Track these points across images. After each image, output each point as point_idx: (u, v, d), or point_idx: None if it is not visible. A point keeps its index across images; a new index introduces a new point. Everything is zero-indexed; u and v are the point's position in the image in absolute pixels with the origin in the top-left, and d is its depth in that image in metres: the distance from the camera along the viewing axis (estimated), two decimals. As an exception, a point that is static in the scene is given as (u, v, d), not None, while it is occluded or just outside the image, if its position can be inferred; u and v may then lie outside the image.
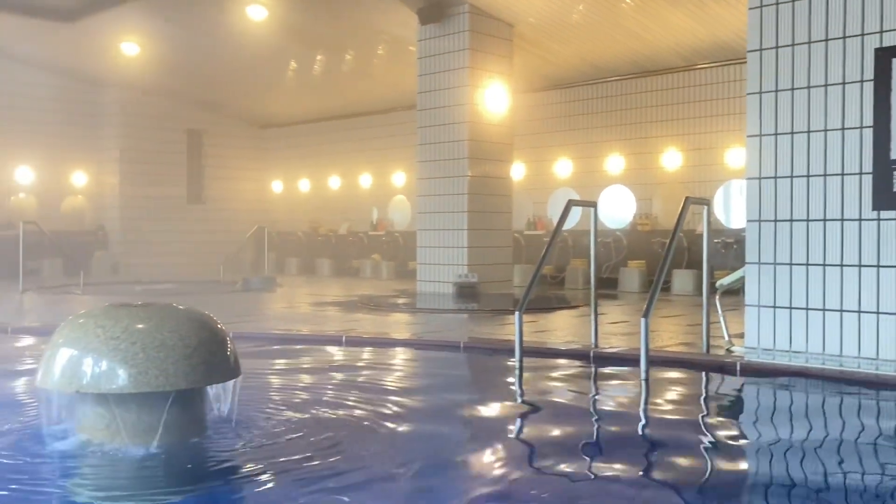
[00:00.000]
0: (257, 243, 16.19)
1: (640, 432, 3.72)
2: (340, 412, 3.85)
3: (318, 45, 13.22)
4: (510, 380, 5.02)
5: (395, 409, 3.99)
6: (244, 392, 3.51)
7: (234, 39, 12.79)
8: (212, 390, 3.33)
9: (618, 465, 3.08)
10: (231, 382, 3.33)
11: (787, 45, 5.24)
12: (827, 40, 5.09)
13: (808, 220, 5.18)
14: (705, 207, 5.64)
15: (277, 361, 5.66)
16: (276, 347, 6.18)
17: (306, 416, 3.75)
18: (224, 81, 15.41)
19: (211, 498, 2.77)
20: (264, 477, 2.91)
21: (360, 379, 4.91)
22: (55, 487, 2.80)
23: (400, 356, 5.92)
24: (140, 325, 3.05)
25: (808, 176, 5.18)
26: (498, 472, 3.05)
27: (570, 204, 5.68)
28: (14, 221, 14.07)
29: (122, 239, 16.38)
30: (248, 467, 3.05)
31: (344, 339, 6.28)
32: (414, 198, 12.90)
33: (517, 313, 5.26)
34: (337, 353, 6.01)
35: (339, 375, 5.08)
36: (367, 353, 5.93)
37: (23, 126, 15.25)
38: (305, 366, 5.56)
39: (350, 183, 16.80)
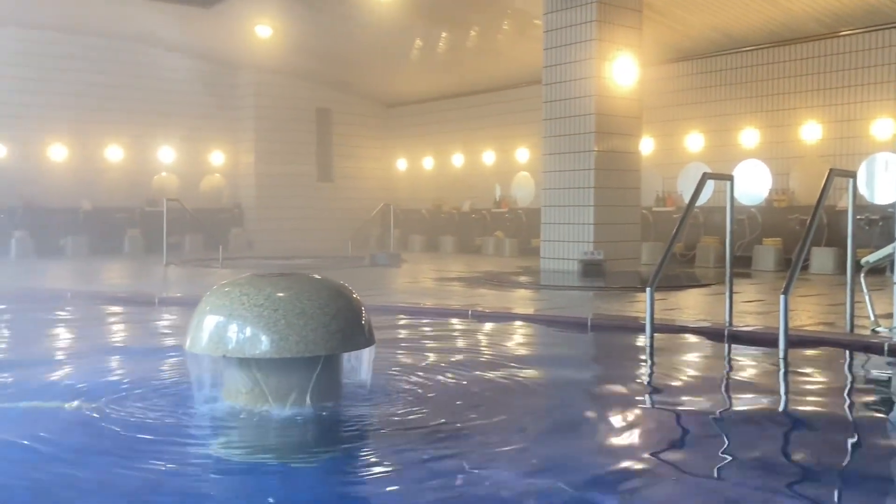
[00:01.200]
0: (383, 220, 16.52)
1: (781, 409, 3.57)
2: (468, 382, 3.89)
3: (443, 22, 13.27)
4: (641, 356, 4.92)
5: (524, 380, 4.00)
6: (375, 361, 3.60)
7: (363, 18, 13.01)
8: (348, 358, 3.43)
9: (758, 444, 2.97)
10: (366, 350, 3.42)
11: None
12: None
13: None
14: (851, 181, 5.32)
15: (405, 333, 5.77)
16: (403, 320, 6.29)
17: (435, 385, 3.81)
18: (352, 60, 15.73)
19: (349, 459, 2.86)
20: (399, 440, 2.98)
21: (488, 351, 4.94)
22: (204, 447, 2.96)
23: (525, 331, 5.91)
24: (281, 294, 3.17)
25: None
26: (632, 444, 3.01)
27: (706, 177, 5.49)
28: (158, 199, 14.92)
29: (256, 216, 17.07)
30: (384, 431, 3.13)
31: (470, 313, 6.33)
32: (538, 174, 12.79)
33: (648, 289, 5.15)
34: (463, 326, 6.06)
35: (465, 347, 5.12)
36: (492, 328, 5.96)
37: (165, 109, 16.08)
38: (432, 338, 5.64)
39: (473, 160, 16.85)
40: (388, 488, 2.56)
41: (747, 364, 4.73)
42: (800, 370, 4.41)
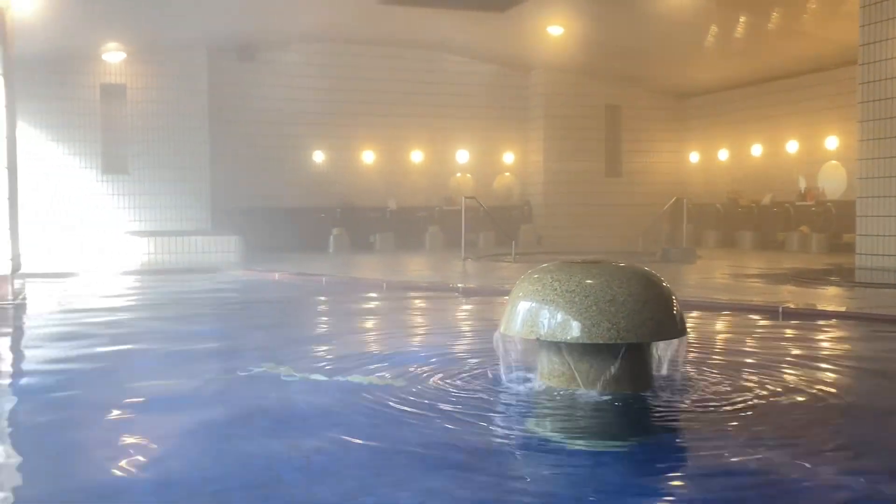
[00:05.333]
0: (674, 215, 16.05)
1: None
2: (778, 381, 3.68)
3: (741, 6, 12.60)
4: None
5: (841, 382, 3.70)
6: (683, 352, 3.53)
7: (655, 10, 12.75)
8: (658, 347, 3.40)
9: None
10: (676, 341, 3.37)
11: None
12: None
13: None
14: None
15: (710, 328, 5.57)
16: (702, 315, 6.08)
17: (745, 381, 3.65)
18: (642, 54, 15.47)
19: (658, 448, 2.84)
20: (708, 434, 2.91)
21: (797, 350, 4.63)
22: (518, 424, 3.09)
23: (844, 330, 5.45)
24: (591, 281, 3.22)
25: None
26: None
27: None
28: (455, 198, 15.77)
29: (544, 212, 17.41)
30: (694, 424, 3.06)
31: (781, 310, 5.96)
32: (850, 163, 11.69)
33: None
34: (771, 324, 5.72)
35: (774, 345, 4.84)
36: (802, 326, 5.56)
37: (460, 112, 16.94)
38: (738, 333, 5.39)
39: (774, 150, 15.79)
40: (696, 480, 2.51)
41: None
42: None
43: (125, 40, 13.35)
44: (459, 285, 8.25)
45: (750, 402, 3.27)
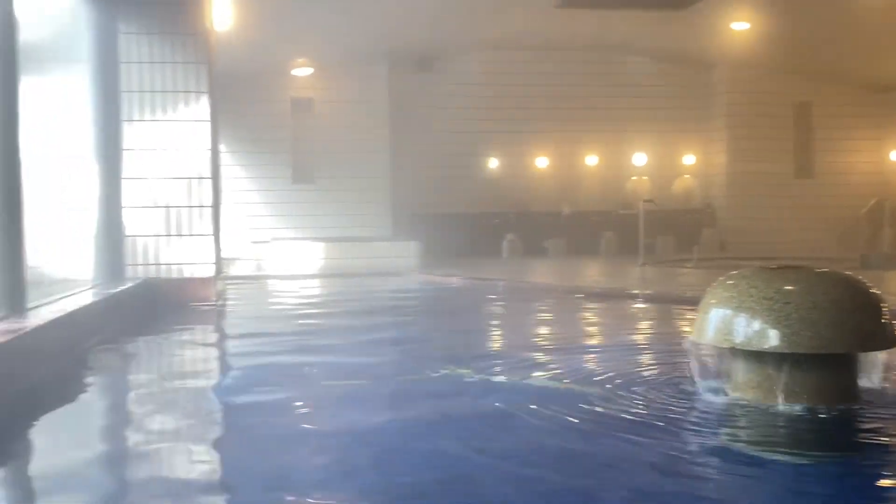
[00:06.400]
0: (875, 218, 14.89)
1: None
2: None
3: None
4: None
5: None
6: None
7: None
8: (866, 357, 3.16)
9: None
10: (886, 352, 3.12)
11: None
12: None
13: None
14: None
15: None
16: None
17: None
18: (835, 46, 14.48)
19: (866, 464, 2.65)
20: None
21: None
22: (711, 436, 2.96)
23: None
24: (791, 287, 3.04)
25: None
26: None
27: None
28: (631, 202, 15.43)
29: (727, 215, 16.68)
30: (903, 444, 2.82)
31: None
32: None
33: None
34: None
35: None
36: None
37: (638, 114, 16.56)
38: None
39: None
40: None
41: None
42: None
43: (313, 56, 14.11)
44: (638, 292, 8.06)
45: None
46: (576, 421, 3.12)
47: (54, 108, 6.05)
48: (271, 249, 12.96)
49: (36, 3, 5.43)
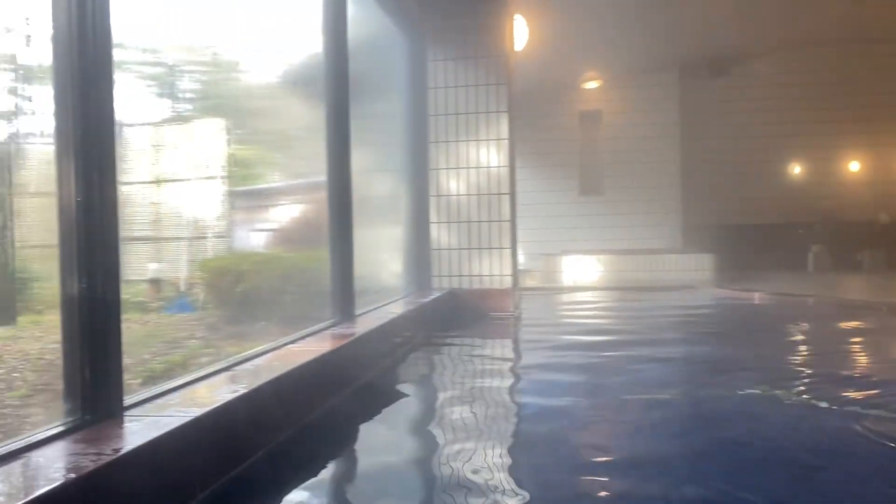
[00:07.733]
0: None
1: None
2: None
3: None
4: None
5: None
6: None
7: None
8: None
9: None
10: None
11: None
12: None
13: None
14: None
15: None
16: None
17: None
18: None
19: None
20: None
21: None
22: None
23: None
24: None
25: None
26: None
27: None
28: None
29: None
30: None
31: None
32: None
33: None
34: None
35: None
36: None
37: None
38: None
39: None
40: None
41: None
42: None
43: (601, 68, 14.16)
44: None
45: None
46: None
47: (375, 133, 6.67)
48: (561, 262, 13.16)
49: (364, 38, 6.03)
